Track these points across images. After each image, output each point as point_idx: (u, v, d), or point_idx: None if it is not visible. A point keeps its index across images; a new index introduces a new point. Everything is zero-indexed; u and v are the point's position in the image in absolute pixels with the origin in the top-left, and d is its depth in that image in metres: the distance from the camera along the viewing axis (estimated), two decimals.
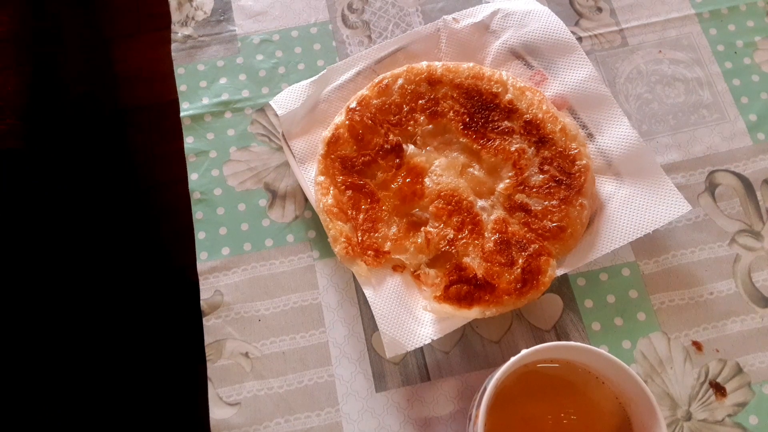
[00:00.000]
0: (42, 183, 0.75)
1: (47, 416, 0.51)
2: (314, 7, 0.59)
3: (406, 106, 0.51)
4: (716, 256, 0.50)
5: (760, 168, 0.53)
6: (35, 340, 0.53)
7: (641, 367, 0.47)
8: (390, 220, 0.48)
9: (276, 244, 0.51)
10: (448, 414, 0.46)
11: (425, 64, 0.52)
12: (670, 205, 0.47)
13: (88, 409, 0.52)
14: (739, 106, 0.55)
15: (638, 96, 0.55)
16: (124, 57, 1.38)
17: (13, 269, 0.55)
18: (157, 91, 1.32)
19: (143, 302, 0.59)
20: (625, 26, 0.58)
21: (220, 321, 0.49)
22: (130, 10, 1.42)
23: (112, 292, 0.58)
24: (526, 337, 0.48)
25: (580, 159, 0.48)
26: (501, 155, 0.49)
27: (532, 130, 0.50)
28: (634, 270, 0.50)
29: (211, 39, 0.58)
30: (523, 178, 0.49)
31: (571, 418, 0.40)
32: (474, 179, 0.50)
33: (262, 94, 0.56)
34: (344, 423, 0.46)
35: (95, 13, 1.38)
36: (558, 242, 0.47)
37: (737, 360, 0.47)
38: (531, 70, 0.54)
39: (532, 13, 0.54)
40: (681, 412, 0.46)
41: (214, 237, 0.52)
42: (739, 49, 0.56)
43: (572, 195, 0.47)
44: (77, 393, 0.52)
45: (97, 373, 0.54)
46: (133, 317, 0.58)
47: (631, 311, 0.49)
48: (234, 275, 0.50)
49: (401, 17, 0.59)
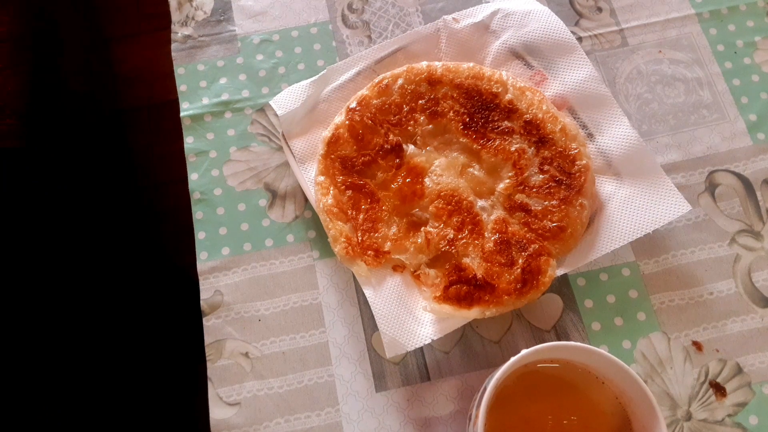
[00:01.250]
0: (42, 183, 0.76)
1: (47, 416, 0.51)
2: (314, 7, 0.59)
3: (406, 106, 0.51)
4: (716, 256, 0.50)
5: (760, 168, 0.53)
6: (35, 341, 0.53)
7: (641, 367, 0.47)
8: (390, 220, 0.48)
9: (276, 244, 0.51)
10: (448, 414, 0.46)
11: (425, 64, 0.52)
12: (670, 205, 0.47)
13: (88, 409, 0.52)
14: (739, 106, 0.55)
15: (638, 96, 0.55)
16: (124, 57, 1.38)
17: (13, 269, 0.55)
18: (157, 91, 1.32)
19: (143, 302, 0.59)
20: (625, 26, 0.58)
21: (220, 321, 0.49)
22: (130, 10, 1.42)
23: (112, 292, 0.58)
24: (526, 337, 0.48)
25: (580, 159, 0.48)
26: (501, 155, 0.49)
27: (532, 130, 0.50)
28: (634, 270, 0.50)
29: (211, 39, 0.58)
30: (523, 178, 0.49)
31: (571, 418, 0.40)
32: (474, 179, 0.50)
33: (262, 94, 0.56)
34: (344, 423, 0.46)
35: (95, 13, 1.38)
36: (558, 242, 0.47)
37: (737, 360, 0.47)
38: (531, 70, 0.54)
39: (532, 13, 0.54)
40: (681, 412, 0.46)
41: (214, 237, 0.52)
42: (739, 49, 0.56)
43: (572, 195, 0.47)
44: (77, 393, 0.52)
45: (97, 373, 0.54)
46: (133, 317, 0.58)
47: (631, 311, 0.49)
48: (234, 275, 0.50)
49: (401, 17, 0.59)
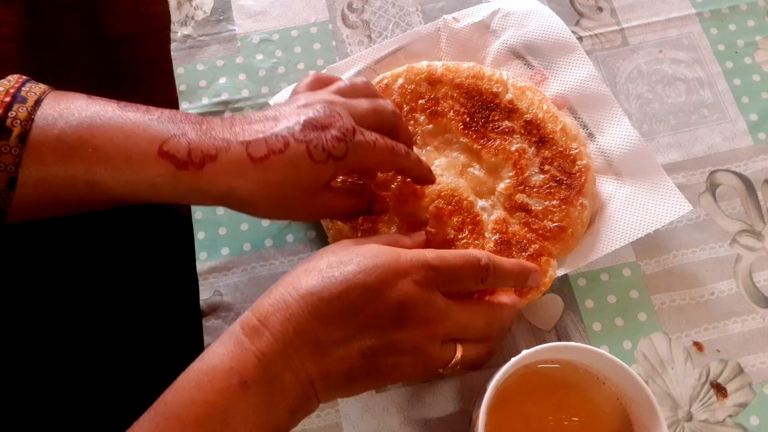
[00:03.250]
0: None
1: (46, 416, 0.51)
2: (314, 6, 0.59)
3: (406, 106, 0.51)
4: (717, 257, 0.50)
5: (760, 168, 0.52)
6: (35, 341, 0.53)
7: (642, 367, 0.47)
8: (390, 220, 0.48)
9: (276, 244, 0.51)
10: (448, 414, 0.46)
11: (425, 64, 0.52)
12: (671, 205, 0.47)
13: (88, 409, 0.52)
14: (739, 105, 0.54)
15: (639, 96, 0.55)
16: (124, 57, 1.38)
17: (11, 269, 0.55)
18: (156, 90, 1.32)
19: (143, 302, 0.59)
20: (626, 26, 0.57)
21: (220, 321, 0.49)
22: (130, 10, 1.42)
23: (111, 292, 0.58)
24: (527, 338, 0.48)
25: (580, 159, 0.48)
26: (501, 155, 0.49)
27: (532, 130, 0.50)
28: (634, 270, 0.50)
29: (210, 39, 0.58)
30: (524, 178, 0.48)
31: (572, 419, 0.40)
32: (474, 179, 0.50)
33: (261, 94, 0.56)
34: (344, 423, 0.46)
35: (95, 13, 1.38)
36: (559, 242, 0.47)
37: (738, 360, 0.47)
38: (531, 69, 0.54)
39: (533, 13, 0.54)
40: (682, 413, 0.46)
41: (214, 237, 0.52)
42: (740, 48, 0.56)
43: (573, 195, 0.47)
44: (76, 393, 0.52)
45: (96, 373, 0.54)
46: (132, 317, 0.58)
47: (632, 311, 0.48)
48: (233, 275, 0.50)
49: (401, 17, 0.59)
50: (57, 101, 0.37)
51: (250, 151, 0.37)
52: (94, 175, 0.36)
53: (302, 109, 0.40)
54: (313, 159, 0.38)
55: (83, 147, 0.36)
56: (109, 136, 0.36)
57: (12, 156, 0.35)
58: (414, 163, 0.44)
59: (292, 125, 0.38)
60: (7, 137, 0.35)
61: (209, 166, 0.37)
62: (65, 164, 0.36)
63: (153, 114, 0.38)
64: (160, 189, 0.38)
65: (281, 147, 0.37)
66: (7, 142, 0.35)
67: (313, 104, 0.40)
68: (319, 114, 0.39)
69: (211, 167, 0.37)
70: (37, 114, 0.36)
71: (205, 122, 0.39)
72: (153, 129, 0.37)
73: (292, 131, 0.38)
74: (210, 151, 0.37)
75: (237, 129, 0.39)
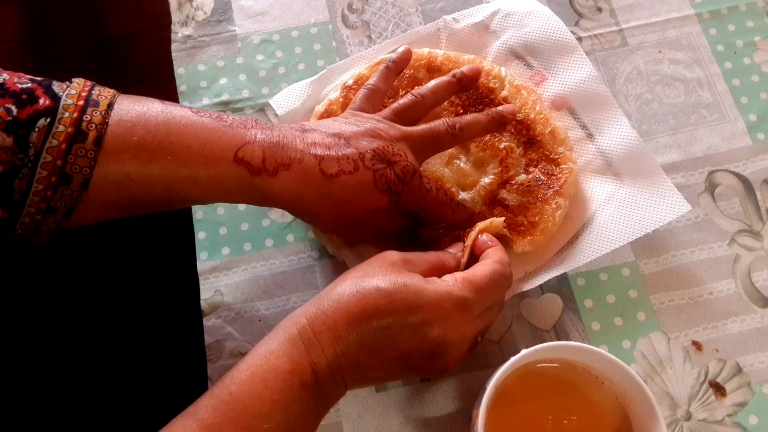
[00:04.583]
0: None
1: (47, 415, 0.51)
2: (314, 7, 0.59)
3: (402, 90, 0.51)
4: (716, 256, 0.50)
5: (759, 168, 0.53)
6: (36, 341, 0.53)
7: (641, 366, 0.47)
8: None
9: (276, 244, 0.51)
10: (448, 414, 0.46)
11: (426, 51, 0.53)
12: (670, 205, 0.47)
13: (87, 409, 0.52)
14: (738, 106, 0.55)
15: (638, 96, 0.55)
16: (124, 57, 1.38)
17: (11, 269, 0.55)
18: (157, 91, 1.32)
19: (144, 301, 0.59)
20: (625, 26, 0.58)
21: (221, 321, 0.49)
22: (130, 10, 1.42)
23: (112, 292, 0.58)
24: (526, 337, 0.48)
25: (564, 163, 0.49)
26: (489, 150, 0.50)
27: (522, 129, 0.50)
28: (633, 270, 0.50)
29: (211, 39, 0.58)
30: (508, 176, 0.49)
31: (572, 418, 0.40)
32: (459, 170, 0.50)
33: (262, 94, 0.56)
34: (344, 423, 0.46)
35: (95, 13, 1.38)
36: (528, 236, 0.47)
37: (737, 360, 0.47)
38: (531, 70, 0.54)
39: (533, 13, 0.54)
40: (681, 412, 0.46)
41: (215, 237, 0.52)
42: (739, 49, 0.56)
43: (550, 195, 0.48)
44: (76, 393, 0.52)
45: (96, 373, 0.54)
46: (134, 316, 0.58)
47: (630, 311, 0.49)
48: (234, 275, 0.50)
49: (401, 17, 0.59)
50: (132, 105, 0.39)
51: (322, 166, 0.40)
52: (172, 181, 0.38)
53: (370, 139, 0.43)
54: (377, 186, 0.41)
55: (162, 153, 0.37)
56: (187, 143, 0.38)
57: (87, 159, 0.36)
58: (459, 221, 0.46)
59: (363, 152, 0.41)
60: (83, 140, 0.36)
61: (282, 174, 0.39)
62: (144, 169, 0.37)
63: (226, 120, 0.40)
64: (233, 192, 0.40)
65: (351, 169, 0.41)
66: (83, 145, 0.36)
67: (381, 135, 0.43)
68: (387, 149, 0.42)
69: (284, 175, 0.39)
70: (111, 118, 0.37)
71: (276, 129, 0.41)
72: (228, 135, 0.39)
73: (363, 157, 0.41)
74: (284, 160, 0.40)
75: (308, 140, 0.41)
